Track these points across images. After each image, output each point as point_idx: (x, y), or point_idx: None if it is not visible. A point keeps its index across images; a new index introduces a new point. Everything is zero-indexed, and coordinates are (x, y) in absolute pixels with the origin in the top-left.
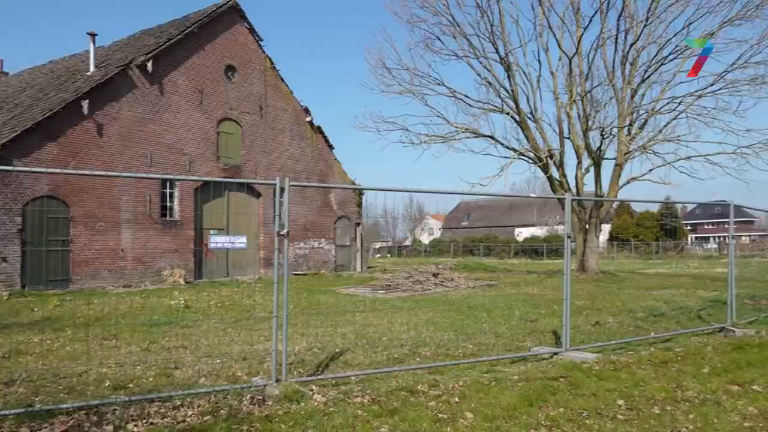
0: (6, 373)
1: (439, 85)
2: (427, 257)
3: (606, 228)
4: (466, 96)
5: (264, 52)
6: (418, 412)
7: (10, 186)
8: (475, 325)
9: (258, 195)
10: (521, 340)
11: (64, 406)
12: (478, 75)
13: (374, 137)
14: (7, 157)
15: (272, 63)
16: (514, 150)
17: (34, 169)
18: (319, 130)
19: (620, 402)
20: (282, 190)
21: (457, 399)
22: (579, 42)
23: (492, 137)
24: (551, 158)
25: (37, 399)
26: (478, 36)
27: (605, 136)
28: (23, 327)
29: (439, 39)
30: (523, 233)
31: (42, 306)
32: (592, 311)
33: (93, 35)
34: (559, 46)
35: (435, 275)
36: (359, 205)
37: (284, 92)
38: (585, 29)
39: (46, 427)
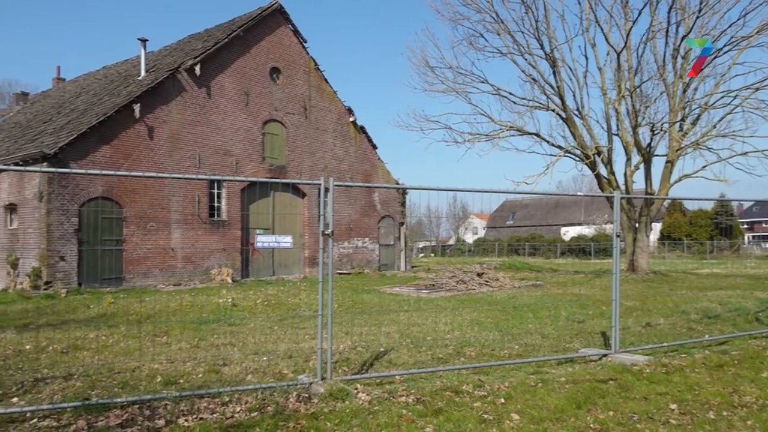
0: (64, 367)
1: (482, 82)
2: (471, 257)
3: (657, 227)
4: (510, 93)
5: (308, 53)
6: (463, 412)
7: (67, 188)
8: (521, 326)
9: (303, 195)
10: (568, 341)
11: (119, 400)
12: (523, 72)
13: (417, 136)
14: (64, 160)
15: (316, 64)
16: (560, 147)
17: (89, 171)
18: (362, 130)
19: (673, 406)
20: (326, 190)
21: (502, 400)
22: (628, 36)
23: (537, 135)
24: (599, 155)
25: (93, 393)
26: (522, 32)
27: (656, 132)
28: (80, 323)
29: (482, 36)
30: (569, 232)
31: (97, 303)
32: (643, 312)
33: (144, 41)
34: (606, 40)
35: (479, 275)
36: (403, 204)
37: (328, 93)
38: (634, 23)
39: (101, 420)
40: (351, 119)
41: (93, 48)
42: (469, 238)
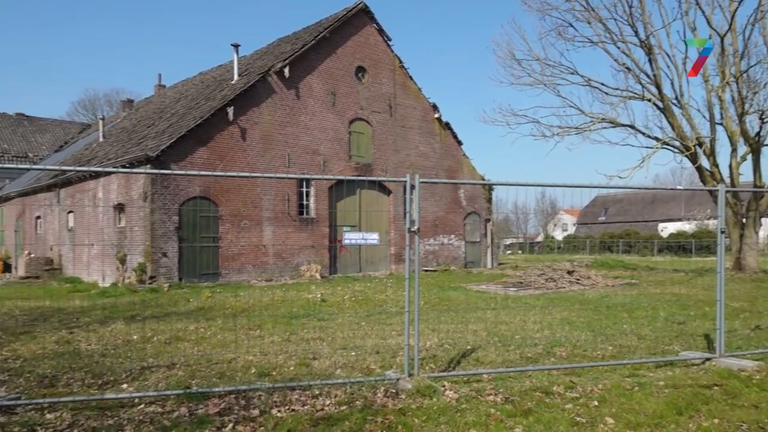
0: (168, 357)
1: (572, 74)
2: (561, 254)
3: (767, 222)
4: (602, 84)
5: (392, 51)
6: (553, 414)
7: (168, 188)
8: (615, 326)
9: (388, 192)
10: (667, 343)
11: (217, 389)
12: (616, 61)
13: (504, 131)
14: (166, 162)
15: (401, 62)
16: (657, 139)
17: (188, 173)
18: (447, 126)
19: None
20: (412, 187)
21: (596, 403)
22: (732, 18)
23: (632, 126)
24: (700, 146)
25: (193, 382)
26: (614, 19)
27: (765, 121)
28: (181, 316)
29: (571, 26)
30: (668, 228)
31: (196, 297)
32: (751, 314)
33: (236, 46)
34: (708, 23)
35: (570, 272)
36: (489, 200)
37: (413, 90)
38: (740, 3)
39: (201, 408)
40: (436, 116)
41: (190, 55)
42: (559, 235)
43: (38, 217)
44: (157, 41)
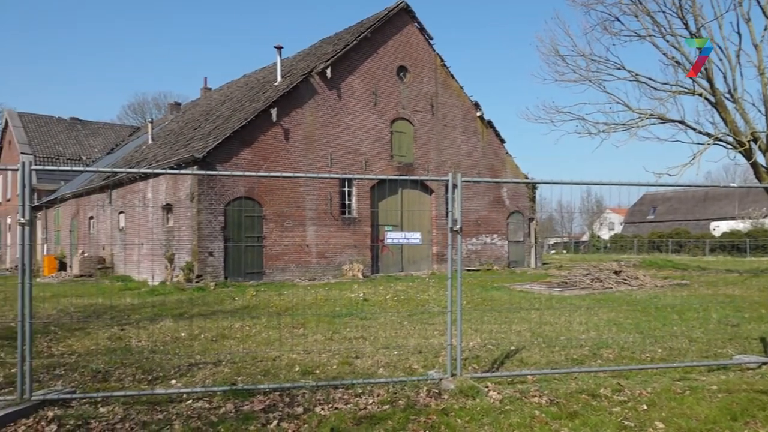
0: (214, 354)
1: (618, 69)
2: (607, 253)
3: None
4: (650, 79)
5: (434, 50)
6: (600, 417)
7: (214, 189)
8: (665, 328)
9: (430, 191)
10: (720, 346)
11: (262, 386)
12: (665, 55)
13: (547, 128)
14: (212, 163)
15: (442, 60)
16: (709, 135)
17: (233, 173)
18: (489, 124)
19: None
20: (454, 186)
21: (645, 406)
22: None
23: (682, 122)
24: (755, 142)
25: (239, 379)
26: (663, 12)
27: None
28: (227, 314)
29: (618, 20)
30: (720, 227)
31: (241, 296)
32: None
33: (279, 48)
34: (764, 13)
35: (617, 273)
36: (532, 199)
37: (454, 89)
38: None
39: (247, 405)
40: (478, 114)
41: (235, 57)
42: (605, 234)
43: (91, 218)
44: (203, 44)
